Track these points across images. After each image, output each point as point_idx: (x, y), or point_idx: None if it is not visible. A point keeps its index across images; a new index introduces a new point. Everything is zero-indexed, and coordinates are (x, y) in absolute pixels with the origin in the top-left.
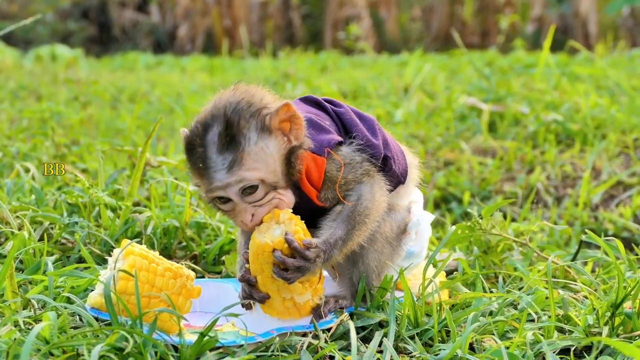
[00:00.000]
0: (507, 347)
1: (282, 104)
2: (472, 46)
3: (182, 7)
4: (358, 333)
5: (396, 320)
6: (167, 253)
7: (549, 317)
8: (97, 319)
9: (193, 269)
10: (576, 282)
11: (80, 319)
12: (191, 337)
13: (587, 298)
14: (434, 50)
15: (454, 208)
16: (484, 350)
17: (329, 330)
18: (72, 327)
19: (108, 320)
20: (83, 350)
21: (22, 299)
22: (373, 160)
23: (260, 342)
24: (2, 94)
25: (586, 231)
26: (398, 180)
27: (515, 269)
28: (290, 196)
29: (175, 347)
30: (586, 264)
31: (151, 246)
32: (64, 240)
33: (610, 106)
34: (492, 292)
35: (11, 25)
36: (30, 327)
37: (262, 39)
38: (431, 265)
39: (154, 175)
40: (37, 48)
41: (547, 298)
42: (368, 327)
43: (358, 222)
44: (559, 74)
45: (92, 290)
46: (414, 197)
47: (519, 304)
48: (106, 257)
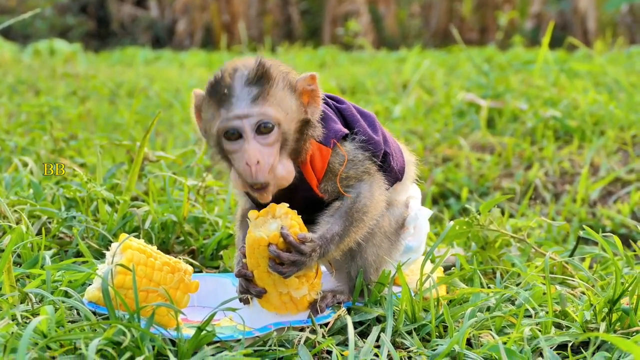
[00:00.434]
0: (505, 343)
1: (310, 73)
2: (471, 42)
3: (180, 2)
4: (355, 328)
5: (394, 316)
6: (165, 247)
7: (547, 312)
8: (94, 313)
9: (191, 264)
10: (574, 278)
11: (78, 313)
12: (189, 332)
13: (584, 294)
14: (433, 47)
15: (452, 204)
16: (482, 345)
17: (326, 325)
18: (69, 321)
19: (106, 314)
20: (80, 344)
21: (20, 293)
22: (374, 158)
23: (257, 336)
24: (0, 88)
25: (584, 227)
26: (396, 178)
27: (513, 265)
28: (289, 167)
29: (173, 342)
30: (584, 260)
31: (149, 241)
32: (61, 235)
33: (609, 103)
34: (489, 287)
35: (10, 19)
36: (27, 321)
37: (260, 35)
38: (429, 261)
39: (152, 169)
40: (35, 42)
41: (544, 294)
42: (365, 322)
43: (356, 219)
44: (558, 71)
45: (90, 285)
46: (412, 192)
47: (516, 299)
48: (104, 252)
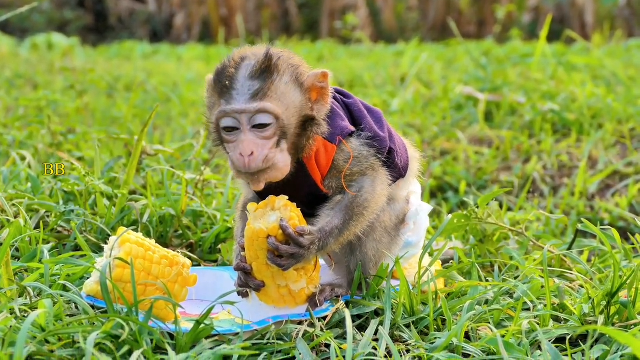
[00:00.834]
0: (503, 336)
1: (322, 70)
2: (469, 36)
3: None
4: (354, 321)
5: (392, 309)
6: (163, 241)
7: (545, 305)
8: (93, 306)
9: (189, 257)
10: (572, 271)
11: (76, 307)
12: (187, 325)
13: (582, 287)
14: (431, 40)
15: (450, 197)
16: (480, 338)
17: (324, 318)
18: (68, 315)
19: (104, 308)
20: (79, 337)
21: (18, 287)
22: (379, 155)
23: (256, 330)
24: None
25: (582, 220)
26: (399, 174)
27: (511, 258)
28: (286, 159)
29: (171, 335)
30: (582, 253)
31: (147, 234)
32: (60, 229)
33: (607, 96)
34: (488, 281)
35: (7, 13)
36: (26, 315)
37: (258, 28)
38: (427, 254)
39: (150, 163)
40: (33, 36)
41: (542, 287)
42: (364, 316)
43: (356, 213)
44: (556, 64)
45: (88, 278)
46: (413, 188)
47: (514, 292)
48: (102, 245)
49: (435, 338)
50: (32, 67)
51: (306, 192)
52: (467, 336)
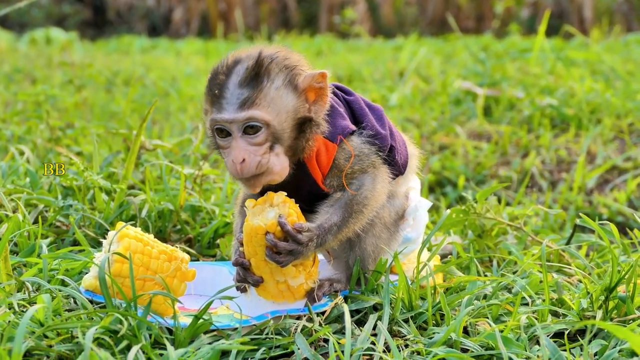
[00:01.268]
0: (501, 331)
1: (319, 71)
2: (468, 30)
3: None
4: (352, 316)
5: (390, 304)
6: (161, 236)
7: (543, 300)
8: (91, 301)
9: (188, 252)
10: (570, 266)
11: (75, 302)
12: (185, 320)
13: (581, 282)
14: (429, 35)
15: (448, 192)
16: (478, 333)
17: (323, 313)
18: (66, 310)
19: (102, 302)
20: (77, 332)
21: (17, 282)
22: (380, 153)
23: (254, 325)
24: None
25: (581, 215)
26: (399, 171)
27: (510, 253)
28: (283, 163)
29: (170, 330)
30: (580, 248)
31: (146, 229)
32: (58, 223)
33: (605, 91)
34: (486, 275)
35: (6, 8)
36: (24, 310)
37: (257, 23)
38: (426, 249)
39: (148, 158)
40: (31, 31)
41: (541, 282)
42: (362, 311)
43: (355, 210)
44: (554, 59)
45: (87, 273)
46: (412, 184)
47: (513, 287)
48: (101, 240)
49: (434, 333)
50: (31, 62)
51: (307, 191)
52: (465, 331)
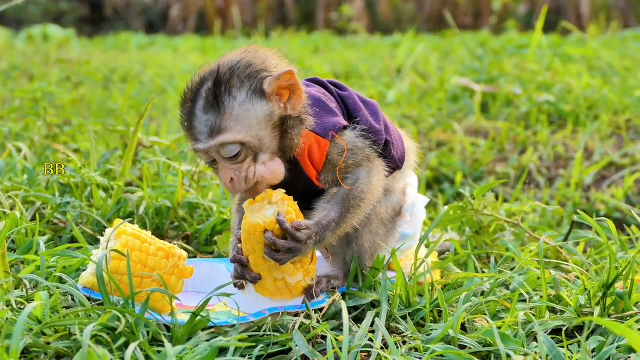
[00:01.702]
0: (499, 327)
1: (285, 70)
2: (465, 27)
3: None
4: (350, 313)
5: (388, 301)
6: (159, 233)
7: (541, 297)
8: (89, 298)
9: (185, 249)
10: (568, 262)
11: (73, 299)
12: (183, 317)
13: (578, 278)
14: (427, 31)
15: (446, 189)
16: (476, 330)
17: (321, 310)
18: (64, 307)
19: (100, 300)
20: (75, 329)
21: (14, 279)
22: (375, 146)
23: (252, 322)
24: None
25: (578, 212)
26: (395, 166)
27: (507, 250)
28: (275, 166)
29: (168, 327)
30: (578, 244)
31: (143, 226)
32: (56, 220)
33: (603, 87)
34: (484, 272)
35: (3, 5)
36: (22, 307)
37: (254, 20)
38: (423, 246)
39: (146, 155)
40: (29, 28)
41: (538, 278)
42: (360, 307)
43: (353, 205)
44: (552, 55)
45: (85, 270)
46: (409, 180)
47: (510, 284)
48: (98, 237)
49: (432, 329)
50: (28, 59)
51: (302, 188)
52: (463, 328)
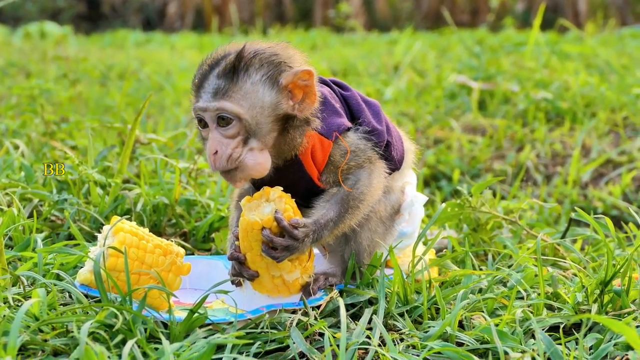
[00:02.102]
0: (497, 325)
1: (305, 68)
2: (462, 24)
3: None
4: (348, 310)
5: (386, 298)
6: (156, 230)
7: (538, 294)
8: (86, 295)
9: (183, 246)
10: (565, 259)
11: (70, 296)
12: (181, 314)
13: (576, 276)
14: (424, 29)
15: (443, 186)
16: (474, 327)
17: (318, 307)
18: (61, 304)
19: (98, 297)
20: (73, 327)
21: (12, 276)
22: (376, 148)
23: (249, 319)
24: None
25: (576, 209)
26: (395, 166)
27: (505, 247)
28: (261, 159)
29: (165, 324)
30: (575, 241)
31: (141, 223)
32: (53, 217)
33: (600, 84)
34: (481, 269)
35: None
36: (19, 304)
37: (252, 17)
38: (421, 243)
39: (143, 152)
40: (26, 25)
41: (536, 276)
42: (358, 305)
43: (352, 206)
44: (549, 53)
45: (82, 267)
46: (408, 178)
47: (508, 281)
48: (96, 234)
49: (429, 327)
50: (25, 56)
51: (303, 188)
52: (460, 325)
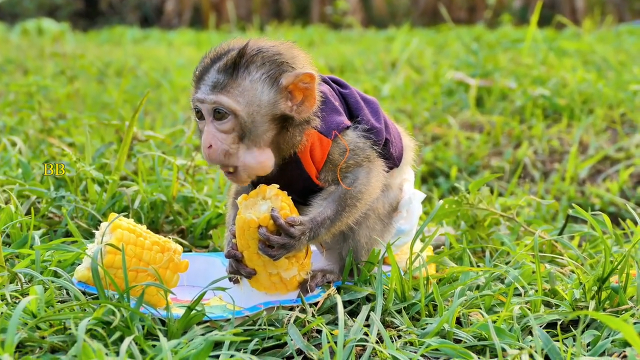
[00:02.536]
0: (494, 321)
1: (306, 71)
2: (460, 21)
3: None
4: (345, 307)
5: (383, 295)
6: (154, 227)
7: (536, 291)
8: (84, 292)
9: (180, 243)
10: (563, 256)
11: (68, 293)
12: (178, 311)
13: (573, 272)
14: (422, 25)
15: (441, 183)
16: (471, 324)
17: (316, 304)
18: (59, 301)
19: (95, 294)
20: (70, 324)
21: (9, 273)
22: (375, 146)
23: (247, 316)
24: None
25: (573, 206)
26: (393, 164)
27: (502, 244)
28: (258, 156)
29: (163, 321)
30: (573, 238)
31: (138, 220)
32: (50, 215)
33: (597, 81)
34: (479, 266)
35: None
36: (17, 301)
37: (249, 13)
38: (419, 240)
39: (141, 149)
40: (23, 22)
41: (533, 272)
42: (355, 301)
43: (349, 204)
44: (546, 49)
45: (79, 264)
46: (406, 176)
47: (505, 278)
48: (93, 231)
49: (427, 324)
50: (23, 53)
51: (301, 186)
52: (458, 322)
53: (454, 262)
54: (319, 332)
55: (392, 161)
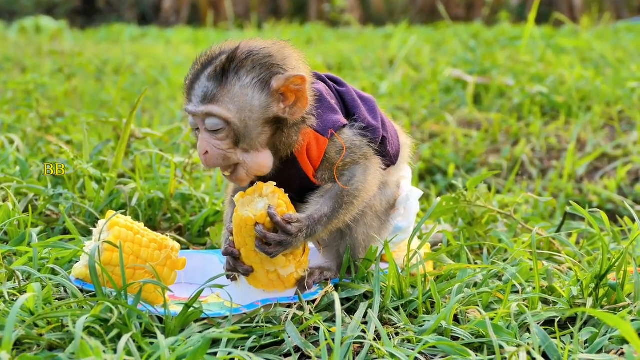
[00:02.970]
0: (492, 319)
1: (297, 73)
2: (458, 18)
3: None
4: (343, 304)
5: (381, 292)
6: (152, 225)
7: (534, 288)
8: (81, 290)
9: (178, 241)
10: (560, 253)
11: (65, 291)
12: (176, 309)
13: (571, 269)
14: (419, 23)
15: (438, 180)
16: (469, 321)
17: (313, 301)
18: (56, 299)
19: (93, 291)
20: (68, 321)
21: (7, 271)
22: (372, 144)
23: (245, 313)
24: None
25: (571, 203)
26: (390, 161)
27: (500, 241)
28: (257, 158)
29: (160, 318)
30: (570, 235)
31: (136, 218)
32: (48, 212)
33: (595, 78)
34: (476, 263)
35: None
36: (14, 299)
37: (247, 11)
38: (416, 237)
39: (138, 147)
40: (21, 20)
41: (531, 269)
42: (353, 299)
43: (346, 202)
44: (544, 47)
45: (77, 262)
46: (404, 173)
47: (503, 275)
48: (91, 229)
49: (424, 321)
50: (20, 51)
51: (298, 184)
52: (456, 319)
53: (452, 259)
54: (317, 329)
55: (389, 159)
